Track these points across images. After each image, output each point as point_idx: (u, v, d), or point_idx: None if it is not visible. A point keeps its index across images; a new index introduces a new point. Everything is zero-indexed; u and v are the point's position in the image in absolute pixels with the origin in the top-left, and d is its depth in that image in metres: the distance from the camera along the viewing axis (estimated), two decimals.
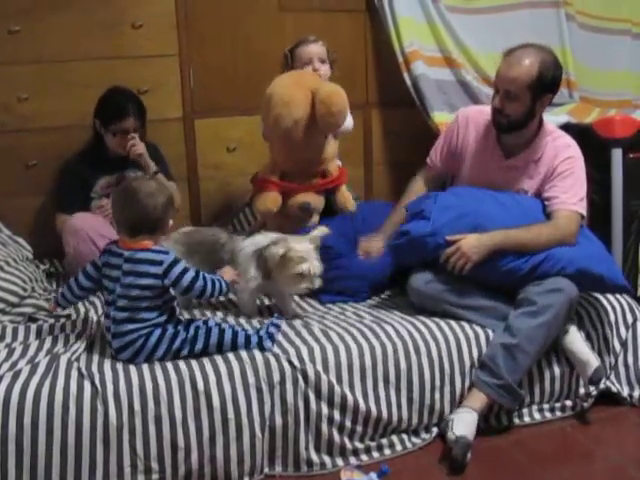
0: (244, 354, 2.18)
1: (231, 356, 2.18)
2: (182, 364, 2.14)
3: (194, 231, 2.70)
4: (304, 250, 2.39)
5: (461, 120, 2.75)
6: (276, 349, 2.22)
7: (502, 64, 2.54)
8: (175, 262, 2.15)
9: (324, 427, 2.19)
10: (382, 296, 2.78)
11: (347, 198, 2.99)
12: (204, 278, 2.19)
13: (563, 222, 2.47)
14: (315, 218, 2.94)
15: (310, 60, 2.91)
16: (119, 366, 2.13)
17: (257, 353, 2.19)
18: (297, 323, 2.44)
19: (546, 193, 2.56)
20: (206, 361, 2.15)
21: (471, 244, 2.39)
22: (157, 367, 2.12)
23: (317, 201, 2.91)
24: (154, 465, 2.04)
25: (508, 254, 2.40)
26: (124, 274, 2.15)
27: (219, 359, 2.16)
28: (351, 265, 2.72)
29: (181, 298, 2.42)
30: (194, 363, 2.14)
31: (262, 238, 2.48)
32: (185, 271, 2.16)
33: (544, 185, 2.58)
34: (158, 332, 2.16)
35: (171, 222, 2.25)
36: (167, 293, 2.19)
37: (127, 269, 2.15)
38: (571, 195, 2.51)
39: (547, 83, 2.48)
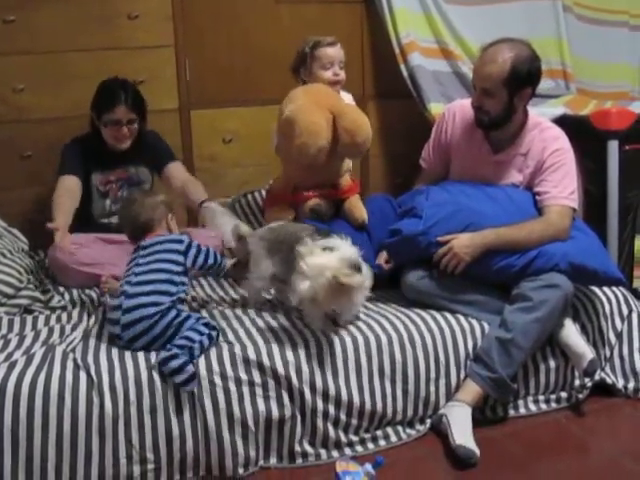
0: (237, 347, 2.18)
1: (224, 349, 2.17)
2: None
3: (280, 227, 2.51)
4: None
5: (448, 116, 2.75)
6: (271, 341, 2.22)
7: (477, 61, 2.54)
8: (191, 242, 2.35)
9: (319, 421, 2.19)
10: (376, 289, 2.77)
11: (355, 206, 2.82)
12: (214, 254, 2.39)
13: (555, 217, 2.47)
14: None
15: (331, 63, 2.82)
16: (115, 357, 2.13)
17: (249, 345, 2.19)
18: (293, 316, 2.44)
19: (537, 188, 2.55)
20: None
21: (463, 244, 2.39)
22: (153, 357, 2.12)
23: (327, 205, 2.84)
24: (149, 455, 2.04)
25: (500, 252, 2.40)
26: (142, 257, 2.28)
27: (212, 351, 2.16)
28: None
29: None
30: None
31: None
32: (199, 248, 2.35)
33: (534, 179, 2.57)
34: (173, 314, 2.19)
35: (170, 216, 2.43)
36: (184, 275, 2.30)
37: (146, 253, 2.29)
38: (562, 189, 2.51)
39: (522, 77, 2.46)
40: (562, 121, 2.93)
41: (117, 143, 2.97)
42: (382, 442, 2.28)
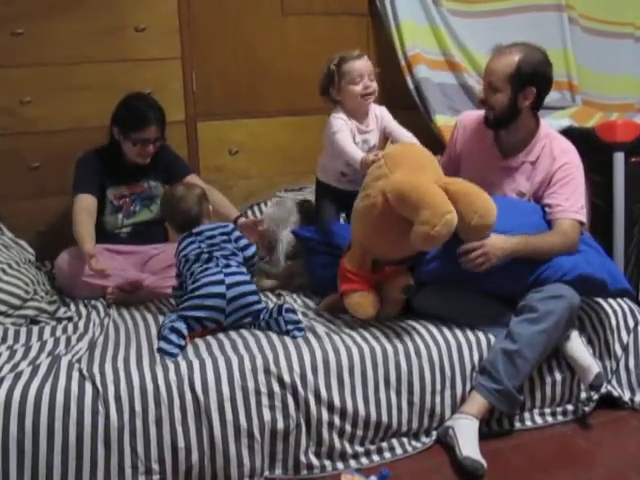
0: (245, 357, 2.19)
1: (233, 358, 2.18)
2: (183, 365, 2.14)
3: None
4: None
5: (459, 126, 2.77)
6: (279, 349, 2.22)
7: (489, 59, 2.59)
8: (234, 227, 2.60)
9: (324, 431, 2.19)
10: None
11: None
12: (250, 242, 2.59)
13: (569, 230, 2.46)
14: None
15: (361, 77, 2.72)
16: (120, 367, 2.13)
17: (258, 355, 2.20)
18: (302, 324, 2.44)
19: (547, 199, 2.55)
20: (207, 363, 2.16)
21: (497, 246, 2.35)
22: (158, 368, 2.13)
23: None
24: (155, 466, 2.04)
25: (514, 262, 2.39)
26: (201, 242, 2.48)
27: (220, 360, 2.17)
28: None
29: None
30: (195, 364, 2.15)
31: None
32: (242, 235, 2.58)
33: (544, 190, 2.57)
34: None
35: (211, 208, 2.65)
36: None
37: (203, 238, 2.50)
38: (573, 203, 2.51)
39: (527, 76, 2.47)
40: (568, 133, 2.92)
41: (141, 160, 2.98)
42: (387, 454, 2.27)
